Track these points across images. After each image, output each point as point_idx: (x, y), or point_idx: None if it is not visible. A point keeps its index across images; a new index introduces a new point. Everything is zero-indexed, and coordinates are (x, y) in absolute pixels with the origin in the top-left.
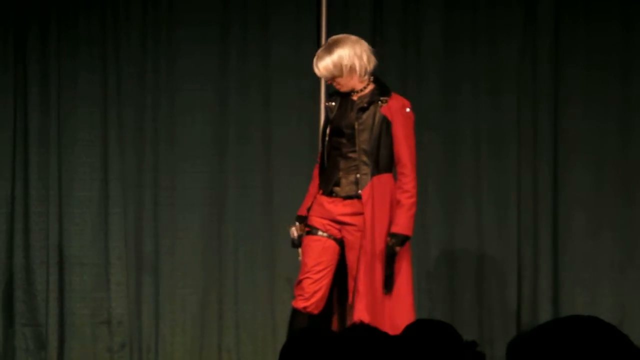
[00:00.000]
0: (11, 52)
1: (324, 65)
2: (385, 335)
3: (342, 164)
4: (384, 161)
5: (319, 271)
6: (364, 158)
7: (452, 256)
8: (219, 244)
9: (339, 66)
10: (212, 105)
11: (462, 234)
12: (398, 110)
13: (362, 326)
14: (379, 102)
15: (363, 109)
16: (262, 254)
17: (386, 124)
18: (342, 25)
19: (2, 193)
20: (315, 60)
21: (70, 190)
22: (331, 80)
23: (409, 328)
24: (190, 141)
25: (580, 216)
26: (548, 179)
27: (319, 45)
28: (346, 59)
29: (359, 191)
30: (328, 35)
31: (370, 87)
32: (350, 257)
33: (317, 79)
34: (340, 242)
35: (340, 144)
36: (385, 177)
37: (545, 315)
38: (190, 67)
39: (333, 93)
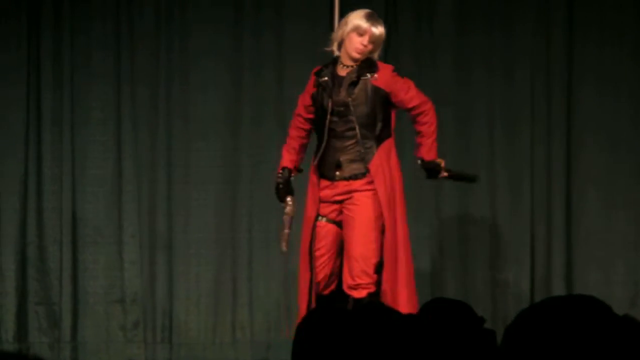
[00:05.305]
0: (24, 29)
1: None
2: (399, 313)
3: (339, 144)
4: (383, 132)
5: (321, 256)
6: (365, 132)
7: (465, 234)
8: (233, 222)
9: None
10: (225, 83)
11: (475, 212)
12: (390, 79)
13: (377, 304)
14: (369, 75)
15: (354, 84)
16: (275, 231)
17: (380, 95)
18: (355, 4)
19: (15, 172)
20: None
21: (84, 168)
22: (368, 47)
23: (425, 306)
24: (203, 119)
25: (593, 194)
26: (561, 157)
27: (332, 25)
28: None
29: (367, 165)
30: (341, 15)
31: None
32: (348, 231)
33: (330, 57)
34: (339, 224)
35: (333, 122)
36: (387, 144)
37: (558, 293)
38: (204, 45)
39: (322, 69)
